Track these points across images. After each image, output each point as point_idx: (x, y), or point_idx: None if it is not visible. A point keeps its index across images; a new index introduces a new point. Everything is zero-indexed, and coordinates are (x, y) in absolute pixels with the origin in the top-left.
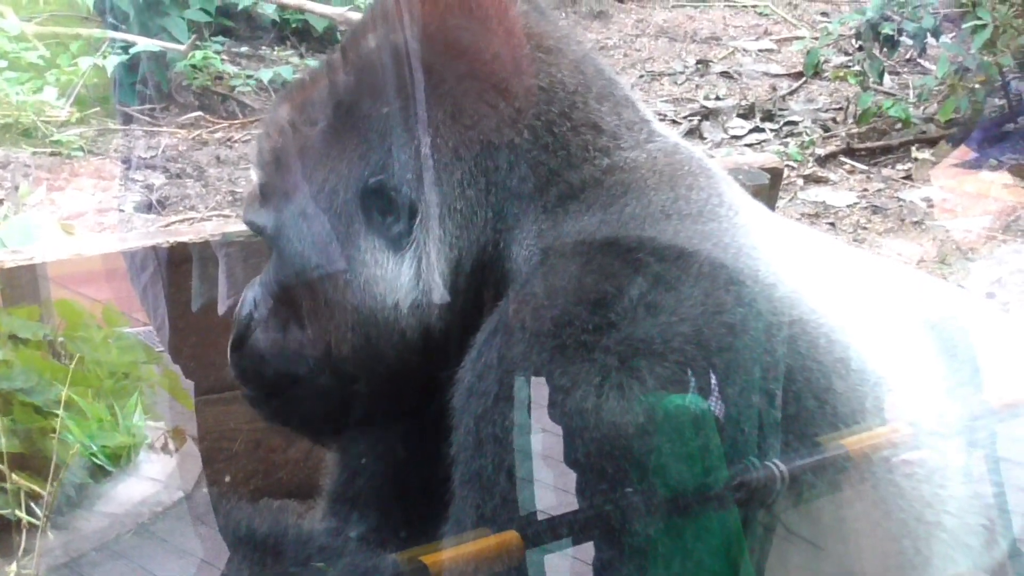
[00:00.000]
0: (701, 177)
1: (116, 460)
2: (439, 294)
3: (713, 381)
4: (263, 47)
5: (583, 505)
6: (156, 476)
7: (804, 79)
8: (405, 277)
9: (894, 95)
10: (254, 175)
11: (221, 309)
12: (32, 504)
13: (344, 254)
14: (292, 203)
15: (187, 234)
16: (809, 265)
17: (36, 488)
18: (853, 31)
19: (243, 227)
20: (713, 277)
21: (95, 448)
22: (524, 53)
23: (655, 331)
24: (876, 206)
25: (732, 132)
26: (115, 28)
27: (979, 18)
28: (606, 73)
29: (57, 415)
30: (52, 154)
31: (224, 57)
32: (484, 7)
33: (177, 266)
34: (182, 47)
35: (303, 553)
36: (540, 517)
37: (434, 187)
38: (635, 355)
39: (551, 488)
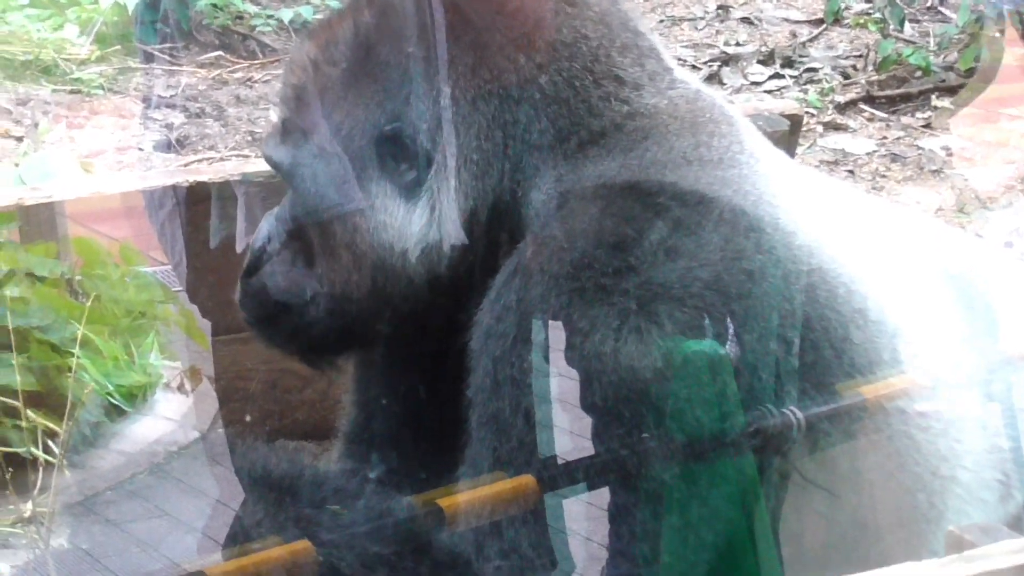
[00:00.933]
0: (723, 124)
1: (132, 399)
2: (450, 243)
3: (731, 327)
4: None
5: (599, 449)
6: (172, 416)
7: (824, 26)
8: (416, 225)
9: (914, 43)
10: (276, 110)
11: (239, 247)
12: (49, 442)
13: (356, 198)
14: (310, 142)
15: (206, 173)
16: (829, 214)
17: (52, 426)
18: None
19: (263, 167)
20: (733, 223)
21: (111, 387)
22: (548, 6)
23: (674, 276)
24: (895, 154)
25: (752, 78)
26: None
27: None
28: (631, 24)
29: (73, 353)
30: (72, 92)
31: None
32: None
33: (195, 206)
34: None
35: (318, 495)
36: (557, 461)
37: (451, 138)
38: (654, 299)
39: (568, 432)
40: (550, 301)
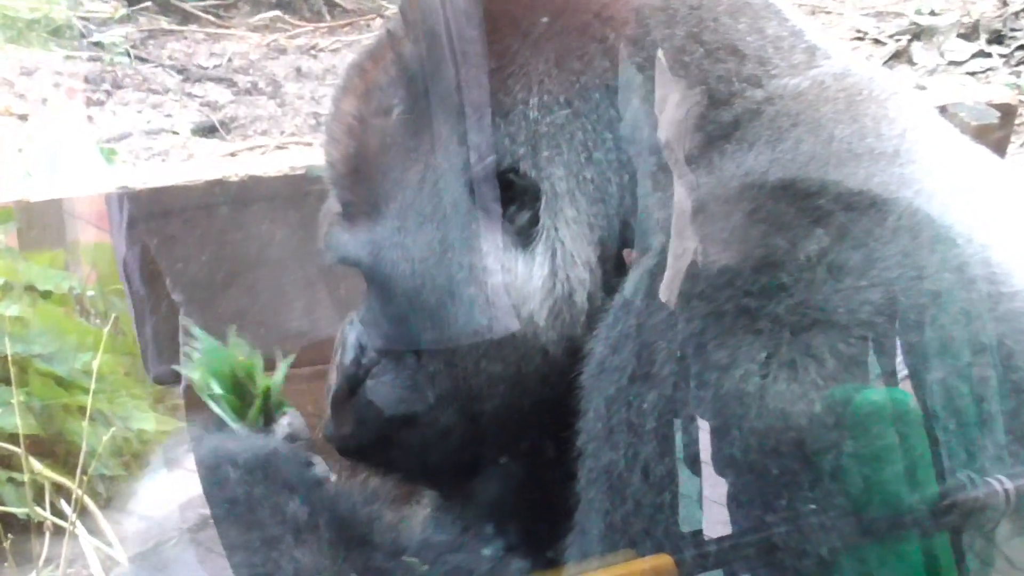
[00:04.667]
0: (890, 105)
1: (156, 447)
2: (584, 292)
3: (910, 364)
4: None
5: (737, 517)
6: None
7: None
8: (538, 278)
9: None
10: (331, 197)
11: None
12: (58, 501)
13: (464, 265)
14: (385, 218)
15: (259, 166)
16: None
17: (60, 480)
18: None
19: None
20: (914, 233)
21: (131, 432)
22: None
23: (838, 297)
24: None
25: (950, 57)
26: None
27: None
28: None
29: (85, 389)
30: (90, 59)
31: None
32: None
33: (246, 207)
34: None
35: (398, 545)
36: (683, 530)
37: (555, 157)
38: (811, 327)
39: (702, 493)
40: (678, 328)
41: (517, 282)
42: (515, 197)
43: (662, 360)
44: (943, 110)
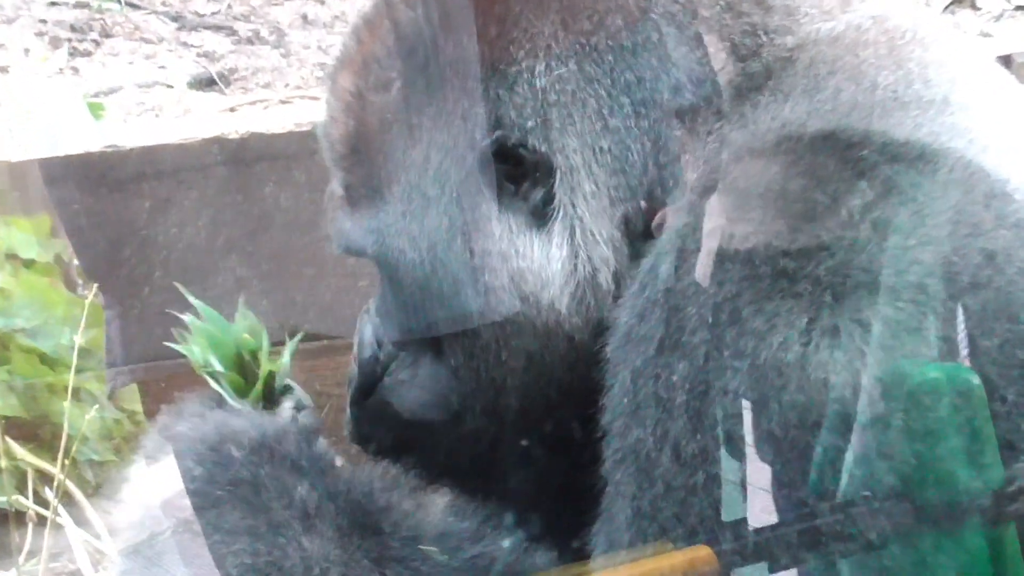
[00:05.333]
0: (938, 50)
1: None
2: (608, 273)
3: (965, 330)
4: None
5: (779, 498)
6: None
7: None
8: (556, 261)
9: None
10: (333, 180)
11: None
12: (41, 488)
13: (475, 250)
14: (388, 202)
15: (261, 121)
16: None
17: (43, 465)
18: None
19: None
20: (967, 187)
21: (121, 413)
22: None
23: (884, 257)
24: None
25: (1017, 1)
26: None
27: None
28: None
29: (71, 366)
30: (77, 6)
31: None
32: None
33: (247, 167)
34: None
35: (415, 531)
36: (719, 517)
37: (568, 127)
38: (856, 289)
39: (737, 474)
40: (710, 292)
41: (534, 266)
42: (527, 174)
43: (693, 328)
44: (1008, 59)
